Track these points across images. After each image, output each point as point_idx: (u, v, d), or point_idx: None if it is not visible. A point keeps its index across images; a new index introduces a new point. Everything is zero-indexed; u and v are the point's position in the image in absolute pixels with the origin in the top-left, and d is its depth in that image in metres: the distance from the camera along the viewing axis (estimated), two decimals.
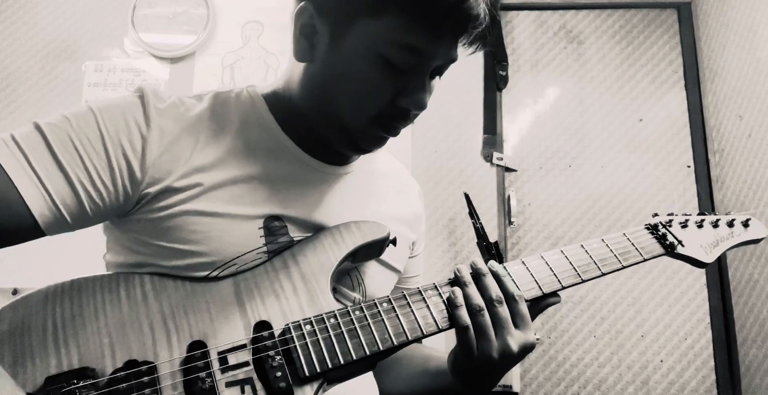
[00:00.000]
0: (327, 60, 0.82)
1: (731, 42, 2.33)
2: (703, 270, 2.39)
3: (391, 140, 0.89)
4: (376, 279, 0.93)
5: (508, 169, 2.53)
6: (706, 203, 2.43)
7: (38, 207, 0.71)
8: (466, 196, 2.16)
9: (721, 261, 2.37)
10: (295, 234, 0.84)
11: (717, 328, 2.33)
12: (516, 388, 2.19)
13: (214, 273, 0.78)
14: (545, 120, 2.61)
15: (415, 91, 0.81)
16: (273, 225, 0.82)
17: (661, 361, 2.34)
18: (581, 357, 2.37)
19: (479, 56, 2.57)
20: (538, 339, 2.33)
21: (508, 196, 2.44)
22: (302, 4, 0.82)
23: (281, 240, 0.82)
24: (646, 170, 2.51)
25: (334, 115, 0.83)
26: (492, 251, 2.18)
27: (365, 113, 0.82)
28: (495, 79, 2.55)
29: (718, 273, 2.38)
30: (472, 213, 2.13)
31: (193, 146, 0.81)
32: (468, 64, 2.56)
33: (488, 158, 2.46)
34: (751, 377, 2.16)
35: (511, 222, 2.42)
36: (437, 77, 0.86)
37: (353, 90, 0.81)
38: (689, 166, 2.49)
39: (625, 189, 2.50)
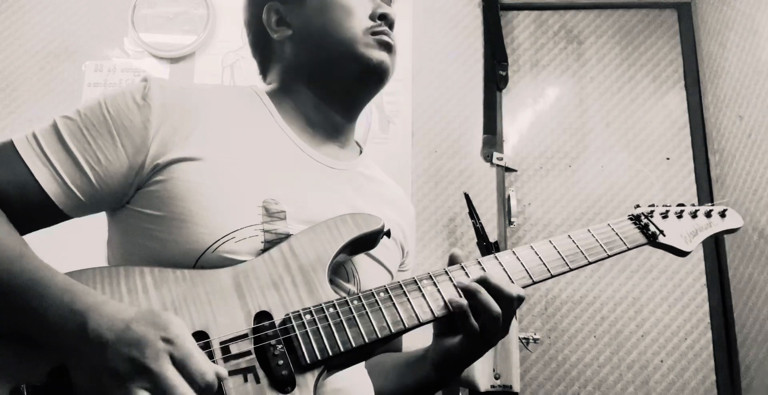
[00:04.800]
0: (303, 20, 0.98)
1: (731, 42, 2.33)
2: (702, 270, 2.39)
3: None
4: (370, 272, 0.95)
5: (508, 169, 2.54)
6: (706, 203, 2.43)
7: (52, 189, 0.78)
8: (466, 196, 2.18)
9: (721, 261, 2.37)
10: (292, 220, 0.86)
11: (717, 328, 2.33)
12: (516, 388, 2.18)
13: (213, 247, 0.79)
14: (545, 120, 2.61)
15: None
16: (271, 207, 0.85)
17: (661, 361, 2.33)
18: (581, 357, 2.37)
19: (479, 56, 2.57)
20: (537, 339, 2.33)
21: (508, 196, 2.44)
22: (267, 5, 1.01)
23: (277, 223, 0.84)
24: (646, 170, 2.51)
25: (335, 47, 0.96)
26: (492, 251, 2.18)
27: (356, 29, 0.95)
28: (495, 79, 2.55)
29: (718, 273, 2.38)
30: (472, 214, 2.15)
31: (196, 122, 0.85)
32: (468, 64, 2.56)
33: (488, 158, 2.46)
34: (751, 377, 2.16)
35: (511, 222, 2.42)
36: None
37: (336, 21, 0.95)
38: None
39: (625, 189, 2.50)
